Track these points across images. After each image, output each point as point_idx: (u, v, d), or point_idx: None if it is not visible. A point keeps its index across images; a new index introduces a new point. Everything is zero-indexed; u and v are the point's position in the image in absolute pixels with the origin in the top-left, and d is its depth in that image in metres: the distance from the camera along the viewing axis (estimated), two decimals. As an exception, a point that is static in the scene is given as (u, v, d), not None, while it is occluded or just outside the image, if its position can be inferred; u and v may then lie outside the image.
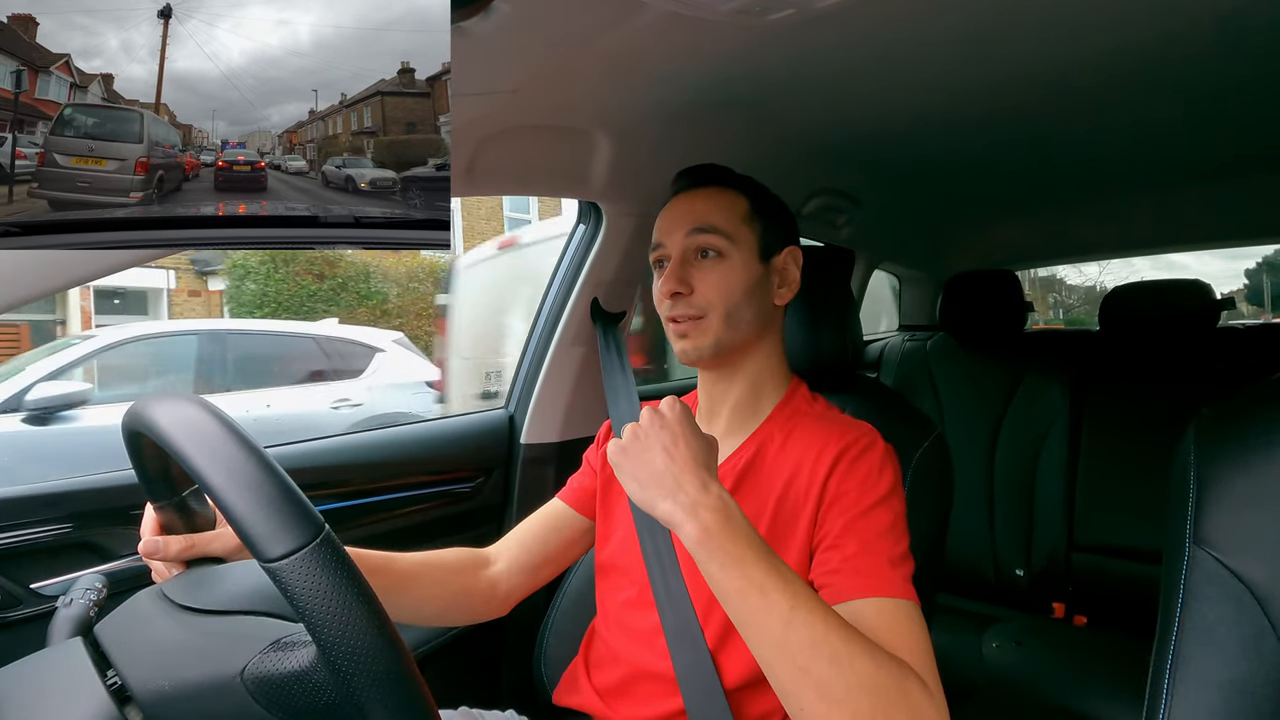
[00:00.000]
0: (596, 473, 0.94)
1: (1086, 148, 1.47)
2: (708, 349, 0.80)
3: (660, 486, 0.62)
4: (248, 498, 0.43)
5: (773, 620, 0.56)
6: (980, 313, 1.89)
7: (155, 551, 0.65)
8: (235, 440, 0.45)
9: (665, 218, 0.84)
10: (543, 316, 1.38)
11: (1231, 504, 0.51)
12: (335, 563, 0.42)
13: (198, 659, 0.49)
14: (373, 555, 0.77)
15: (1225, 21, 0.88)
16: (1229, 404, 0.56)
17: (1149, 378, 1.72)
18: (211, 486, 0.43)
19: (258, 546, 0.42)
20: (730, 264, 0.80)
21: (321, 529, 0.43)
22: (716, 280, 0.79)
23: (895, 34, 0.87)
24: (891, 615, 0.64)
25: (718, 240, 0.79)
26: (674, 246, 0.81)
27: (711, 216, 0.80)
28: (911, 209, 1.92)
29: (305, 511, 0.44)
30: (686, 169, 0.87)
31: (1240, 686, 0.48)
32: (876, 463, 0.74)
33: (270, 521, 0.42)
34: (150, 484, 0.63)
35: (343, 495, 1.16)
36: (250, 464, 0.44)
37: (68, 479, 0.90)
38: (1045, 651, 1.53)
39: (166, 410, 0.48)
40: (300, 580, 0.41)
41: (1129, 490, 1.64)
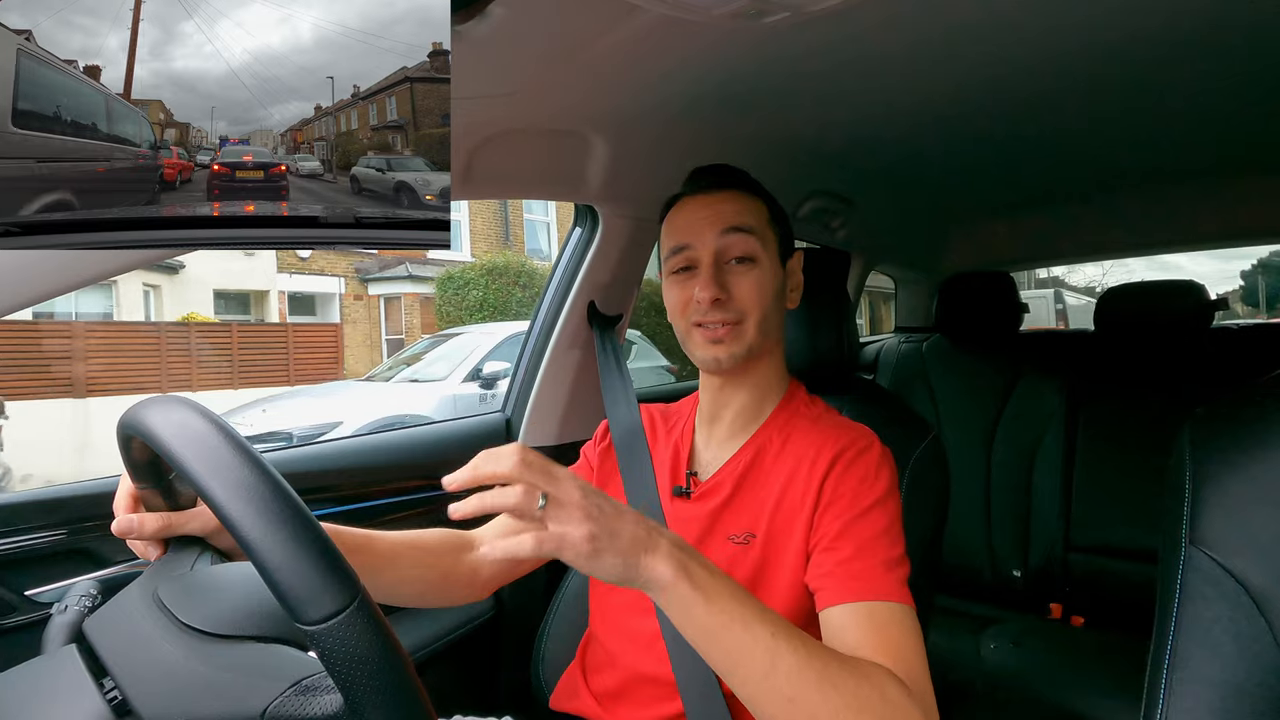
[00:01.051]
0: (594, 468, 0.93)
1: (1081, 149, 1.47)
2: (741, 356, 0.78)
3: (637, 544, 0.54)
4: (287, 558, 0.42)
5: (758, 652, 0.54)
6: (976, 314, 1.90)
7: (130, 530, 0.62)
8: (277, 494, 0.44)
9: (688, 218, 0.80)
10: (539, 320, 1.38)
11: (1227, 504, 0.51)
12: (373, 627, 0.42)
13: (214, 695, 0.47)
14: (352, 533, 0.75)
15: (1218, 22, 0.89)
16: (1223, 404, 0.56)
17: (1144, 379, 1.73)
18: (249, 542, 0.42)
19: (297, 610, 0.41)
20: (762, 268, 0.78)
21: (358, 591, 0.43)
22: (752, 285, 0.78)
23: (889, 37, 0.87)
24: (884, 619, 0.64)
25: (752, 242, 0.78)
26: (705, 249, 0.78)
27: (744, 218, 0.78)
28: (907, 211, 1.93)
29: (344, 573, 0.43)
30: (706, 168, 0.84)
31: (1237, 686, 0.48)
32: (873, 465, 0.74)
33: (310, 585, 0.41)
34: (136, 470, 0.61)
35: (338, 500, 1.15)
36: (289, 519, 0.43)
37: (61, 486, 0.90)
38: (1043, 652, 1.53)
39: (195, 442, 0.46)
40: (340, 645, 0.41)
41: (1125, 491, 1.65)
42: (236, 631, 0.51)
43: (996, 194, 1.89)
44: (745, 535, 0.77)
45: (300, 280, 12.35)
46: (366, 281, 12.85)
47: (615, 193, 1.18)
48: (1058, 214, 2.06)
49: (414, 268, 12.64)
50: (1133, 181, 1.77)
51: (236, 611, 0.53)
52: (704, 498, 0.81)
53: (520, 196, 1.16)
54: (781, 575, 0.74)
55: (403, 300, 12.86)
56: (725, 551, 0.77)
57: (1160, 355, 1.73)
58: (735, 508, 0.79)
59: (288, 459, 1.12)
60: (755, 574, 0.75)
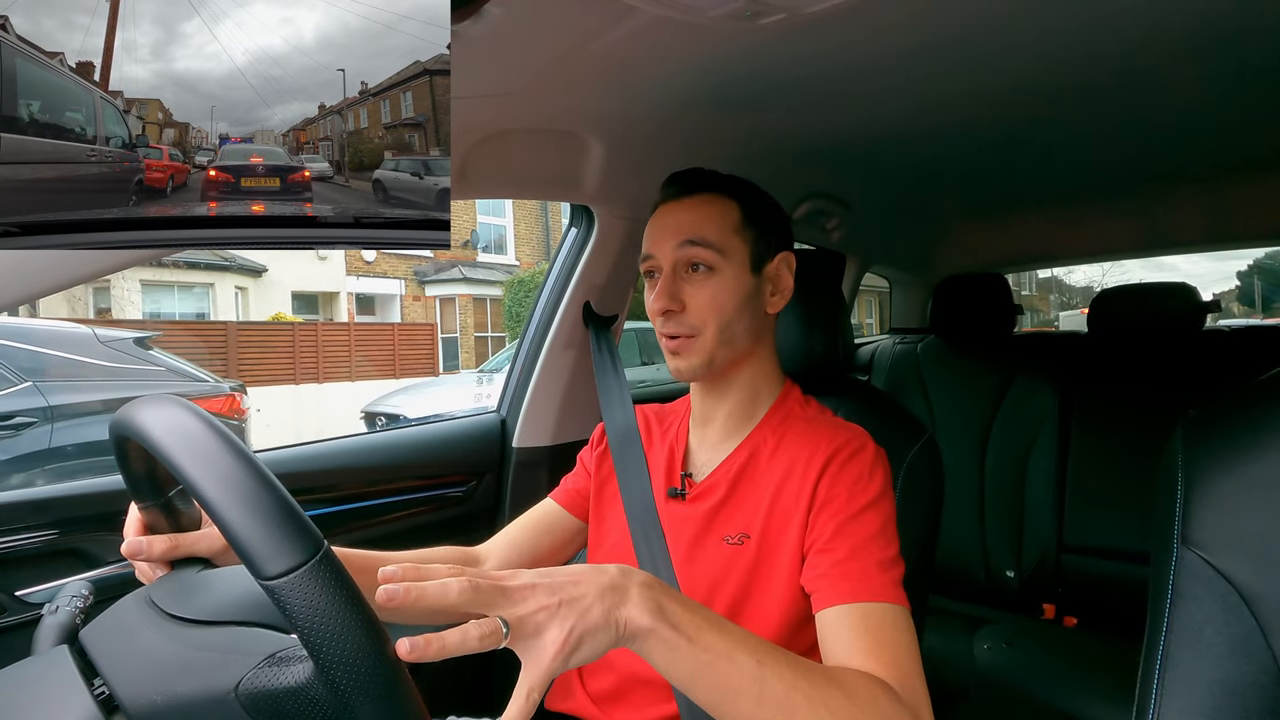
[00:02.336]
0: (590, 474, 0.93)
1: (1077, 152, 1.48)
2: (701, 367, 0.79)
3: (608, 606, 0.51)
4: (245, 513, 0.42)
5: (745, 683, 0.53)
6: (970, 316, 1.91)
7: (139, 552, 0.63)
8: (231, 452, 0.45)
9: (654, 227, 0.81)
10: (535, 319, 1.37)
11: (1219, 505, 0.52)
12: (335, 580, 0.42)
13: (190, 673, 0.48)
14: (360, 555, 0.75)
15: (1213, 26, 0.89)
16: (1215, 405, 0.56)
17: (1137, 380, 1.74)
18: (207, 500, 0.43)
19: (255, 563, 0.41)
20: (722, 278, 0.78)
21: (320, 546, 0.43)
22: (708, 297, 0.77)
23: (886, 38, 0.88)
24: (878, 621, 0.64)
25: (708, 254, 0.77)
26: (664, 259, 0.79)
27: (701, 228, 0.78)
28: (902, 213, 1.93)
29: (304, 527, 0.43)
30: (675, 175, 0.84)
31: (1229, 686, 0.49)
32: (867, 466, 0.74)
33: (269, 538, 0.42)
34: (136, 484, 0.62)
35: (334, 500, 1.15)
36: (247, 477, 0.43)
37: (53, 486, 0.89)
38: (1036, 652, 1.54)
39: (159, 417, 0.47)
40: (299, 598, 0.41)
41: (1118, 492, 1.66)
42: (218, 618, 0.52)
43: (992, 196, 1.90)
44: (740, 536, 0.77)
45: (365, 282, 13.49)
46: (424, 283, 13.94)
47: (611, 193, 1.18)
48: (1053, 216, 2.07)
49: (467, 270, 13.86)
50: (1128, 184, 1.78)
51: (220, 601, 0.54)
52: (699, 499, 0.81)
53: (516, 196, 1.16)
54: (776, 576, 0.74)
55: (457, 301, 14.03)
56: (720, 552, 0.77)
57: (1154, 357, 1.74)
58: (730, 509, 0.79)
59: (286, 459, 1.12)
60: (750, 575, 0.75)
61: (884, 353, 2.13)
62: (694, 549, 0.79)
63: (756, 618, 0.74)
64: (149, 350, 4.03)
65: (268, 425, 7.69)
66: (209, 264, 10.96)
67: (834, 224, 1.76)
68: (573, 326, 1.31)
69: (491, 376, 7.23)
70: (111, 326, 7.30)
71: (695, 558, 0.79)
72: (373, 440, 1.28)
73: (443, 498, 1.29)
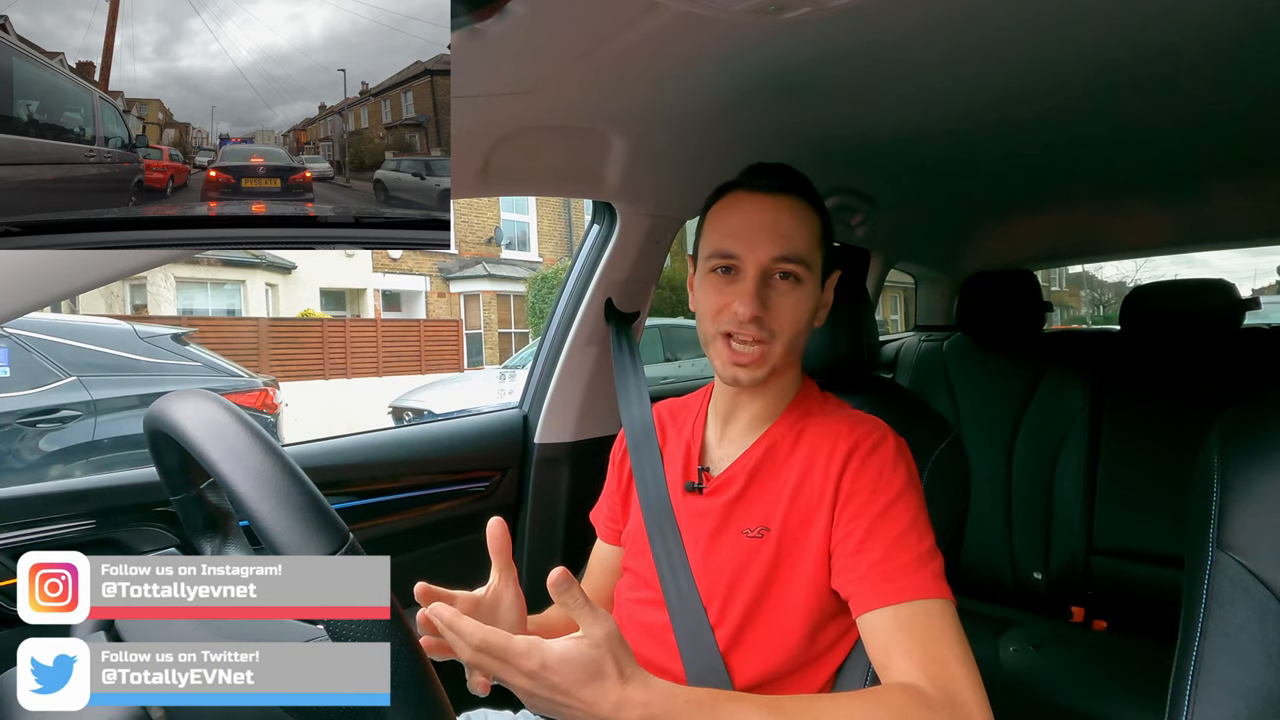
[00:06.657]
0: (617, 487, 0.94)
1: (1106, 148, 1.45)
2: (762, 376, 0.77)
3: None
4: (273, 505, 0.43)
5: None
6: (998, 313, 1.87)
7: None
8: (260, 445, 0.46)
9: (740, 222, 0.77)
10: (557, 316, 1.38)
11: (1256, 508, 0.50)
12: None
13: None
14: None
15: (1242, 22, 0.87)
16: (1253, 406, 0.55)
17: (1171, 379, 1.69)
18: (236, 492, 0.44)
19: (282, 554, 0.43)
20: (804, 291, 0.76)
21: (346, 537, 0.44)
22: (792, 307, 0.75)
23: (911, 34, 0.86)
24: (921, 621, 0.64)
25: (799, 268, 0.75)
26: (752, 263, 0.75)
27: (795, 241, 0.75)
28: (928, 209, 1.91)
29: (330, 520, 0.44)
30: (763, 166, 0.80)
31: (1264, 694, 0.47)
32: (889, 458, 0.74)
33: (296, 530, 0.43)
34: (169, 476, 0.64)
35: (358, 494, 1.17)
36: (276, 470, 0.45)
37: (90, 477, 0.92)
38: (1064, 656, 1.51)
39: (190, 411, 0.48)
40: None
41: (1150, 493, 1.62)
42: None
43: (1020, 192, 1.86)
44: (760, 529, 0.77)
45: (391, 279, 13.79)
46: (449, 280, 14.20)
47: (633, 190, 1.18)
48: (1084, 211, 2.02)
49: (490, 267, 14.21)
50: (1162, 178, 1.73)
51: None
52: (716, 492, 0.81)
53: (538, 194, 1.17)
54: (799, 570, 0.74)
55: (481, 297, 14.32)
56: (740, 545, 0.77)
57: (1188, 355, 1.70)
58: (748, 501, 0.79)
59: (313, 452, 1.14)
60: (771, 569, 0.75)
61: (909, 350, 2.10)
62: (713, 542, 0.79)
63: (779, 612, 0.74)
64: (186, 346, 4.14)
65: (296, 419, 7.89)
66: (240, 261, 11.26)
67: (858, 220, 1.74)
68: (594, 323, 1.31)
69: (514, 372, 7.32)
70: (149, 323, 7.50)
71: (714, 551, 0.79)
72: (397, 435, 1.29)
73: (465, 492, 1.30)
